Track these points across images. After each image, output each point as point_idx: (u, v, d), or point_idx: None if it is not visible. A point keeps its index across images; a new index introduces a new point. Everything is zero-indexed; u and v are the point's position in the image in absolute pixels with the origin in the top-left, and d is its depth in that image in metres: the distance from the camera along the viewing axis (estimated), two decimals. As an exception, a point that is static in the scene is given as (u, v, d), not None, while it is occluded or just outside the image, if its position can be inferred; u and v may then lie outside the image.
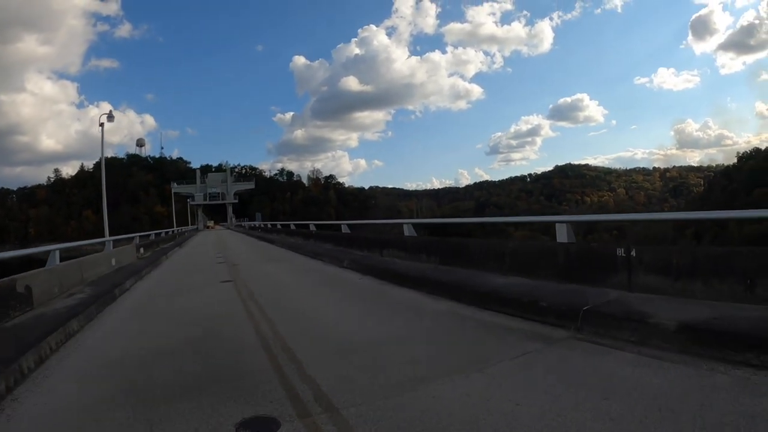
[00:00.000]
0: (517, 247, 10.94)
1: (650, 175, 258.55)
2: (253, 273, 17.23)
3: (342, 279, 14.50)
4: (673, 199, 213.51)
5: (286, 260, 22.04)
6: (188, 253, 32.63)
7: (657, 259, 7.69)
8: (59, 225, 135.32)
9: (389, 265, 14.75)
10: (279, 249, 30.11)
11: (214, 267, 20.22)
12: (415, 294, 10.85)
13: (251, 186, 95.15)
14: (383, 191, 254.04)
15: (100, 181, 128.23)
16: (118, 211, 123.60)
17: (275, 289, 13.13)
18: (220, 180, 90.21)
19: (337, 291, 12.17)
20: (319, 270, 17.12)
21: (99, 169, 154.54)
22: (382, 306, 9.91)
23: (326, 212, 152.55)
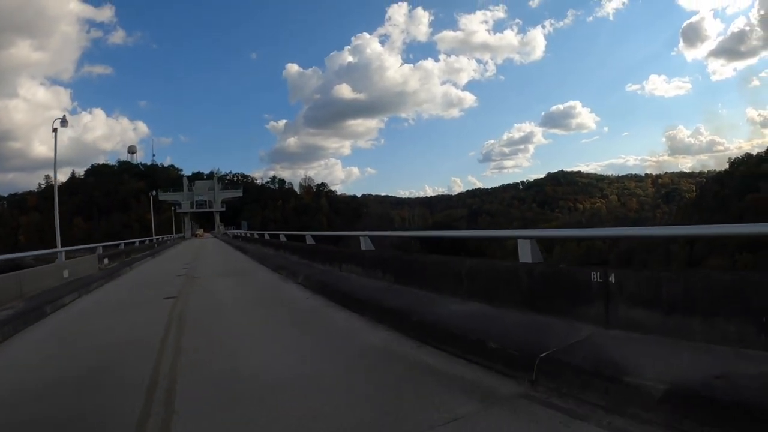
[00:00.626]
0: (475, 267, 9.08)
1: (642, 181, 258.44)
2: (205, 289, 16.14)
3: (289, 298, 13.19)
4: (665, 206, 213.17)
5: (247, 274, 20.95)
6: (157, 263, 31.34)
7: (642, 287, 5.91)
8: (48, 231, 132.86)
9: (342, 283, 13.29)
10: (248, 260, 29.11)
11: (171, 281, 19.12)
12: (356, 320, 9.62)
13: (239, 194, 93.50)
14: (376, 199, 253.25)
15: (91, 188, 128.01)
16: (109, 218, 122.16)
17: (213, 309, 12.04)
18: (207, 188, 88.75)
19: (276, 314, 11.05)
20: (272, 286, 16.14)
21: (90, 176, 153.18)
22: (313, 335, 8.71)
23: (318, 220, 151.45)
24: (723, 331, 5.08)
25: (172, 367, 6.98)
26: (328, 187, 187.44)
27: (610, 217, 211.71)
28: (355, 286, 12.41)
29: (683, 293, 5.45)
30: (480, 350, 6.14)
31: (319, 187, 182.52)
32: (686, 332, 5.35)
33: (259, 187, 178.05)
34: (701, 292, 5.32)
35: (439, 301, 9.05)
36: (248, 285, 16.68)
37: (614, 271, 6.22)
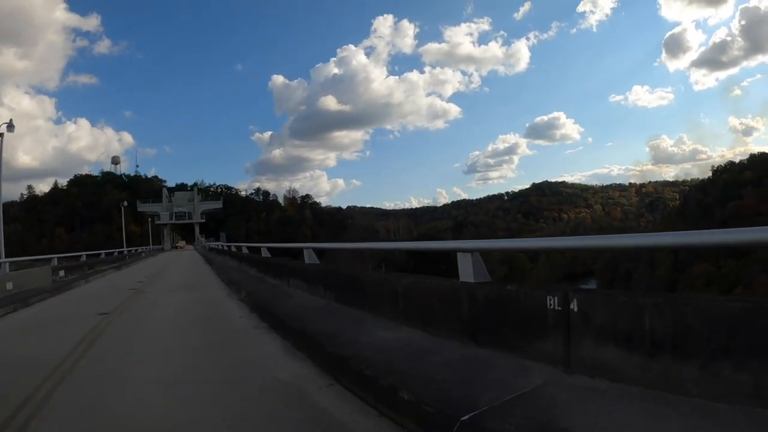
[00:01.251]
0: (411, 286, 7.40)
1: (626, 191, 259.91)
2: (145, 305, 15.23)
3: (223, 317, 11.97)
4: (649, 214, 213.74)
5: (199, 288, 19.82)
6: (118, 277, 30.47)
7: (616, 317, 4.18)
8: (30, 243, 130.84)
9: (279, 301, 12.01)
10: (210, 273, 28.17)
11: (118, 295, 17.95)
12: (277, 346, 8.36)
13: (218, 205, 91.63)
14: (361, 211, 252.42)
15: (74, 199, 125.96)
16: (92, 229, 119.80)
17: (136, 329, 11.03)
18: (187, 199, 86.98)
19: (199, 336, 9.81)
20: (215, 303, 15.05)
21: (73, 186, 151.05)
22: (222, 365, 7.37)
23: (302, 232, 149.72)
24: (731, 382, 3.38)
25: (46, 397, 6.10)
26: (312, 199, 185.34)
27: (595, 226, 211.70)
28: (291, 304, 11.09)
29: (673, 326, 3.73)
30: (391, 400, 4.56)
31: (304, 199, 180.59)
32: (677, 383, 3.65)
33: (244, 199, 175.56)
34: (699, 324, 3.61)
35: (371, 326, 7.59)
36: (191, 301, 15.63)
37: (577, 296, 4.55)
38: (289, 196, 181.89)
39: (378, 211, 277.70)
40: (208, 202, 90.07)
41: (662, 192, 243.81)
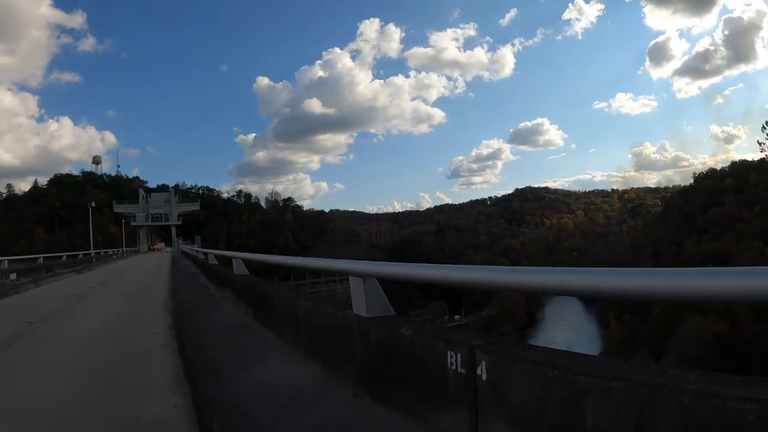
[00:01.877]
0: (310, 312, 5.96)
1: (609, 197, 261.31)
2: (76, 314, 14.26)
3: (141, 330, 10.98)
4: (631, 220, 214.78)
5: (141, 296, 18.75)
6: (73, 281, 29.28)
7: (540, 399, 2.60)
8: (10, 243, 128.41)
9: (202, 315, 11.17)
10: (164, 279, 26.70)
11: (57, 302, 16.86)
12: (171, 371, 7.31)
13: (195, 207, 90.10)
14: (344, 214, 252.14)
15: (53, 199, 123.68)
16: (72, 230, 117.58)
17: (48, 342, 10.17)
18: (164, 200, 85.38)
19: (102, 355, 8.68)
20: (144, 314, 14.15)
21: (53, 185, 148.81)
22: (99, 391, 6.41)
23: (283, 235, 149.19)
24: None
25: None
26: (294, 202, 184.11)
27: (577, 232, 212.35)
28: (210, 320, 10.13)
29: (630, 413, 2.33)
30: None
31: (286, 201, 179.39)
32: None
33: (225, 201, 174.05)
34: (662, 413, 2.22)
35: (272, 356, 6.49)
36: (122, 311, 14.68)
37: (487, 358, 2.97)
38: (271, 198, 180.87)
39: (361, 214, 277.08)
40: (186, 204, 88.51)
41: (644, 198, 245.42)
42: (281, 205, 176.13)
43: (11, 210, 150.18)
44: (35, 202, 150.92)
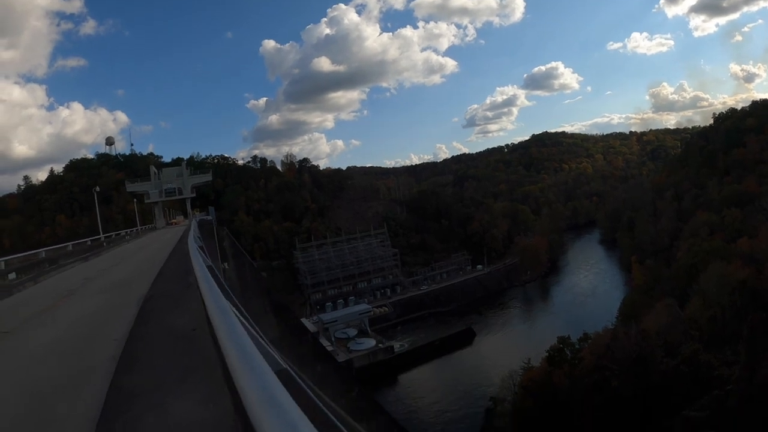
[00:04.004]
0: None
1: (627, 139, 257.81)
2: (47, 321, 12.94)
3: (94, 338, 10.19)
4: (651, 163, 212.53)
5: (129, 286, 16.74)
6: (75, 271, 27.77)
7: None
8: (32, 233, 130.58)
9: (160, 315, 10.82)
10: (162, 259, 24.45)
11: (43, 302, 15.87)
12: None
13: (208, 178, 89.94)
14: (361, 170, 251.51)
15: (71, 185, 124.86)
16: (92, 213, 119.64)
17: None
18: (176, 175, 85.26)
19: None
20: (112, 313, 12.84)
21: (69, 171, 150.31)
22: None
23: (301, 196, 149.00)
24: None
25: None
26: (310, 163, 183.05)
27: (596, 176, 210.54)
28: (161, 325, 9.74)
29: None
30: None
31: (302, 163, 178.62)
32: None
33: (241, 168, 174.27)
34: None
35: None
36: (97, 311, 13.70)
37: None
38: (286, 161, 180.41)
39: (378, 169, 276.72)
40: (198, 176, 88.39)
41: (664, 140, 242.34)
42: (297, 166, 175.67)
43: (31, 200, 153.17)
44: (53, 190, 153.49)
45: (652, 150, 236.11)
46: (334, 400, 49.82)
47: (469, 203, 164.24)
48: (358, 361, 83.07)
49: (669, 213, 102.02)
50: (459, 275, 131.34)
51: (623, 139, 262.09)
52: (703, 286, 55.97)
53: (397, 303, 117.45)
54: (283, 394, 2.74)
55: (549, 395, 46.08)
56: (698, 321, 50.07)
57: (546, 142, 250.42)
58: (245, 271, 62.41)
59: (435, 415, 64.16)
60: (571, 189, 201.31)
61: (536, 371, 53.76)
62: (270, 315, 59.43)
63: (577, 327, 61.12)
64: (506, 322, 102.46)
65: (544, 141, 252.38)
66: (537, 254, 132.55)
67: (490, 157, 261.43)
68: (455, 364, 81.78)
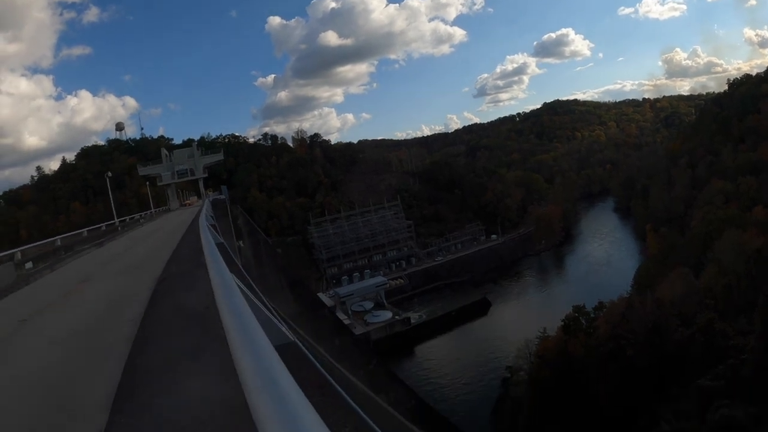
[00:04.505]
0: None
1: (640, 106, 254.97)
2: (60, 305, 12.66)
3: (109, 320, 9.86)
4: (665, 130, 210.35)
5: (143, 269, 16.23)
6: (91, 257, 27.96)
7: None
8: (48, 222, 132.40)
9: (173, 294, 10.81)
10: (176, 240, 25.46)
11: (61, 290, 15.50)
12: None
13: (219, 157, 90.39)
14: (373, 143, 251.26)
15: (84, 172, 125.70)
16: (105, 199, 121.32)
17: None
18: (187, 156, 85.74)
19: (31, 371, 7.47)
20: (126, 295, 12.21)
21: (81, 159, 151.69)
22: None
23: (314, 171, 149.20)
24: None
25: None
26: (321, 138, 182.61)
27: (610, 144, 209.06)
28: (175, 304, 9.48)
29: None
30: None
31: (313, 138, 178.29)
32: None
33: (252, 146, 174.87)
34: None
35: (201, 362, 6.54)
36: (112, 293, 13.18)
37: None
38: (297, 137, 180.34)
39: (390, 142, 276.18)
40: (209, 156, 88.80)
41: (677, 106, 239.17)
42: (308, 142, 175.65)
43: (45, 190, 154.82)
44: (66, 179, 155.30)
45: (665, 117, 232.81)
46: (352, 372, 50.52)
47: (482, 173, 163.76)
48: (375, 334, 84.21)
49: (683, 180, 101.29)
50: (473, 245, 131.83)
51: (636, 106, 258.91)
52: (718, 255, 55.88)
53: (412, 275, 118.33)
54: (279, 367, 2.77)
55: (565, 364, 46.60)
56: (713, 290, 50.07)
57: (558, 111, 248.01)
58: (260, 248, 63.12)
59: (452, 385, 65.09)
60: (585, 157, 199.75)
61: (552, 340, 54.17)
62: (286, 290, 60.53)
63: (592, 296, 61.31)
64: (521, 292, 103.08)
65: (556, 109, 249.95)
66: (551, 223, 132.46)
67: (501, 126, 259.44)
68: (471, 334, 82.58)
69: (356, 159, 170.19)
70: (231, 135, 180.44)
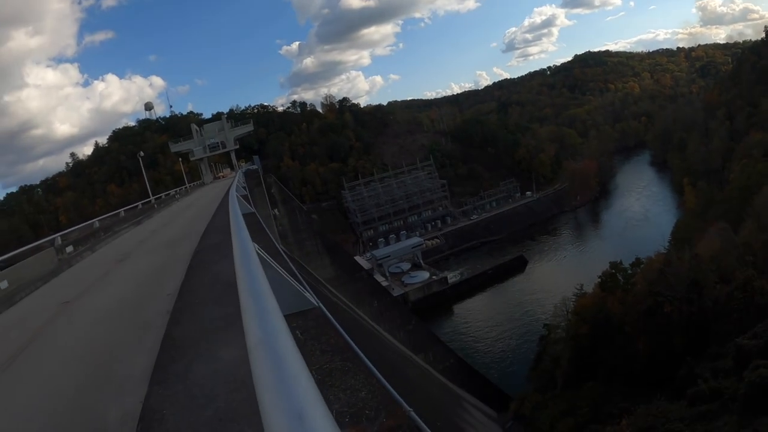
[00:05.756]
0: None
1: (675, 56, 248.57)
2: (101, 285, 13.78)
3: (148, 295, 10.88)
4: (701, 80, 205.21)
5: (179, 244, 17.15)
6: (129, 236, 27.97)
7: None
8: (86, 206, 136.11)
9: (207, 266, 11.93)
10: (210, 213, 25.31)
11: (102, 268, 16.76)
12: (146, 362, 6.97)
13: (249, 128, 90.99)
14: (403, 104, 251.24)
15: (118, 154, 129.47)
16: (140, 179, 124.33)
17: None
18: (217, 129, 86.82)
19: (75, 352, 8.13)
20: (164, 270, 13.48)
21: (114, 142, 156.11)
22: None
23: (345, 136, 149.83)
24: None
25: None
26: (350, 102, 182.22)
27: (644, 96, 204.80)
28: (208, 277, 10.37)
29: None
30: None
31: (342, 102, 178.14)
32: None
33: (281, 114, 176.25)
34: None
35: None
36: (151, 268, 14.52)
37: None
38: (326, 102, 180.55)
39: (420, 102, 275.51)
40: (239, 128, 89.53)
41: (714, 56, 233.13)
42: (338, 107, 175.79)
43: (81, 176, 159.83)
44: (101, 162, 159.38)
45: (701, 66, 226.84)
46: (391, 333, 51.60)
47: (515, 129, 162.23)
48: (413, 295, 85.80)
49: (721, 133, 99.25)
50: (508, 203, 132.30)
51: (670, 55, 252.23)
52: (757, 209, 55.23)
53: (448, 234, 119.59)
54: (282, 336, 2.76)
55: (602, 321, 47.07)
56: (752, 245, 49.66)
57: (589, 63, 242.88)
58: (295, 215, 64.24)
59: (490, 343, 66.29)
60: (619, 110, 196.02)
61: (589, 297, 54.48)
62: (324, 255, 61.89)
63: (629, 252, 61.31)
64: (557, 249, 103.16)
65: (588, 61, 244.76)
66: (586, 178, 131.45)
67: (532, 81, 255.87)
68: (508, 292, 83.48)
69: (387, 121, 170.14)
70: (260, 105, 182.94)
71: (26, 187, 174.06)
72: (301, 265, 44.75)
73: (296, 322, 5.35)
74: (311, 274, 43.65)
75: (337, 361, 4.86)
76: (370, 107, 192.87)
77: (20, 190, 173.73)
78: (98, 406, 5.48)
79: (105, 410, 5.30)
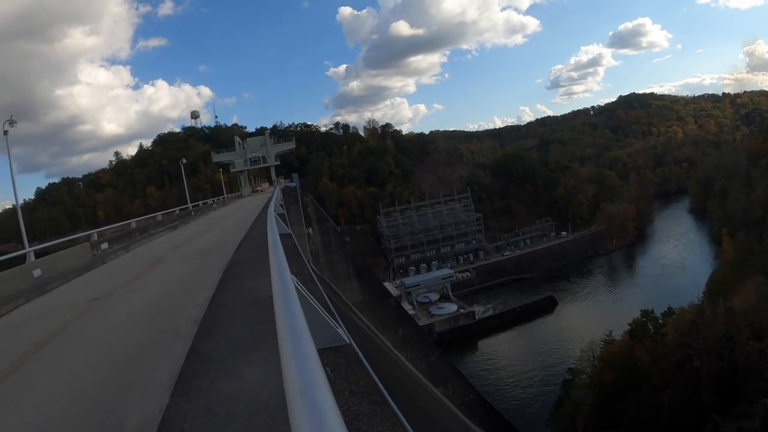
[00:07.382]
0: None
1: (720, 102, 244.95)
2: (131, 287, 13.55)
3: (178, 303, 10.72)
4: (745, 127, 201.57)
5: (213, 254, 17.26)
6: (164, 240, 27.72)
7: None
8: (125, 205, 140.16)
9: (239, 281, 10.96)
10: (246, 227, 24.73)
11: (134, 269, 16.94)
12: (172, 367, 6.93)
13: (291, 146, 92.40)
14: (444, 134, 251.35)
15: (160, 158, 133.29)
16: (181, 183, 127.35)
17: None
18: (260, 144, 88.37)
19: (98, 352, 7.98)
20: (196, 279, 13.28)
21: (158, 145, 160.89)
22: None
23: (385, 161, 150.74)
24: None
25: None
26: (393, 128, 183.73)
27: (687, 141, 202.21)
28: (239, 292, 10.12)
29: None
30: None
31: (384, 128, 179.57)
32: None
33: (324, 135, 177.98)
34: None
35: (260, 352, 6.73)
36: (182, 277, 14.30)
37: None
38: (369, 127, 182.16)
39: (461, 133, 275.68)
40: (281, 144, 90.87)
41: (759, 102, 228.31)
42: (380, 132, 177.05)
43: (123, 175, 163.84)
44: (144, 164, 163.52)
45: (746, 113, 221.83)
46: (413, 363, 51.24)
47: (555, 168, 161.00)
48: (439, 326, 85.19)
49: (764, 183, 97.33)
50: (543, 241, 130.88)
51: (716, 101, 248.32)
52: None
53: (479, 268, 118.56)
54: (319, 379, 2.78)
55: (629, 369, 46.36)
56: (789, 302, 48.60)
57: (634, 104, 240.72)
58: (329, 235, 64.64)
59: (511, 382, 65.39)
60: (661, 154, 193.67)
61: (617, 344, 53.79)
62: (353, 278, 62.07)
63: (662, 300, 60.45)
64: (589, 292, 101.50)
65: (632, 103, 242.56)
66: (624, 222, 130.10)
67: (575, 119, 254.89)
68: (535, 332, 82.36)
69: (427, 150, 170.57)
70: (303, 124, 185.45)
71: (68, 180, 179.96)
72: (330, 286, 45.22)
73: (327, 358, 5.40)
74: (340, 297, 43.90)
75: (365, 404, 4.79)
76: (412, 135, 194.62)
77: (62, 181, 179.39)
78: (118, 408, 5.55)
79: (124, 414, 5.37)
